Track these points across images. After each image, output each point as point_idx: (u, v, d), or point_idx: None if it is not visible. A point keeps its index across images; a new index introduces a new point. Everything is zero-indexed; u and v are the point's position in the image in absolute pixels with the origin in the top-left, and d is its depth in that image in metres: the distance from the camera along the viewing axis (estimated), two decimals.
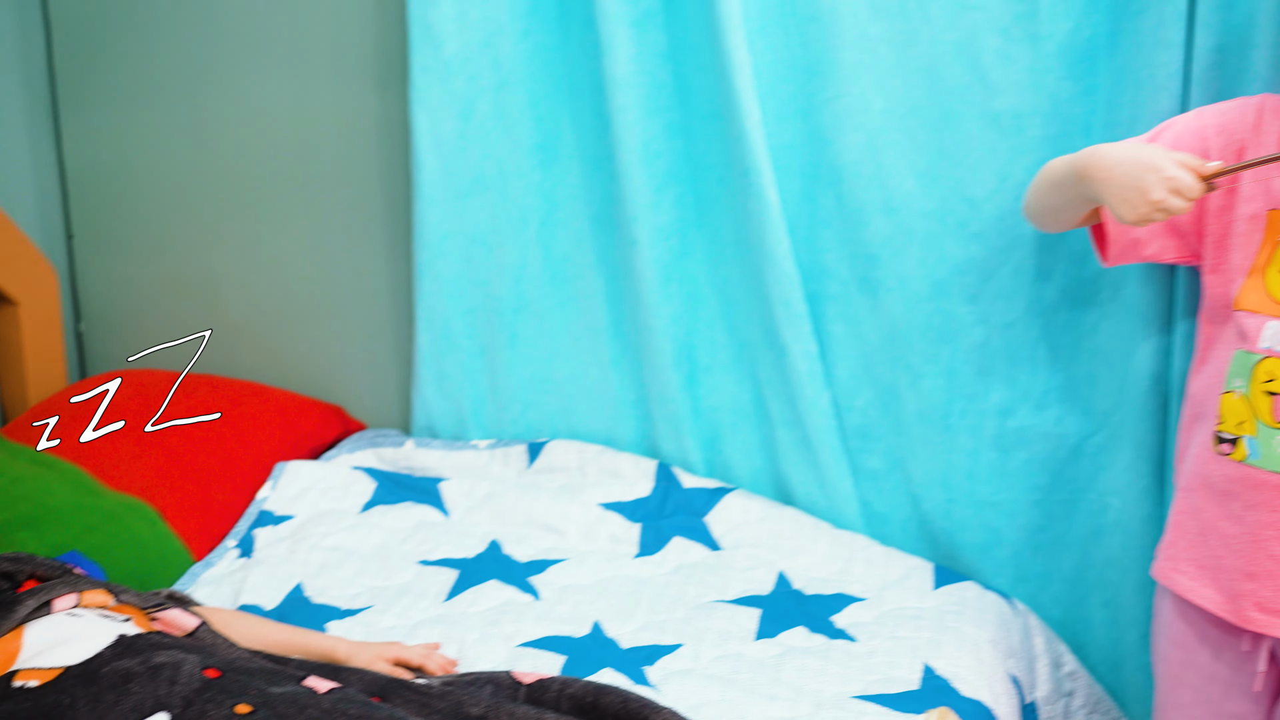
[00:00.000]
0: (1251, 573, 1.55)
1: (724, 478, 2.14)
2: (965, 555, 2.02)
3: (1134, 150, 1.53)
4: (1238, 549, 1.56)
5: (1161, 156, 1.50)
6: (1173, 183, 1.48)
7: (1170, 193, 1.49)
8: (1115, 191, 1.53)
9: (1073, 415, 1.94)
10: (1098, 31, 1.80)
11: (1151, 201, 1.49)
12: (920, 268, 1.94)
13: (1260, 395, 1.53)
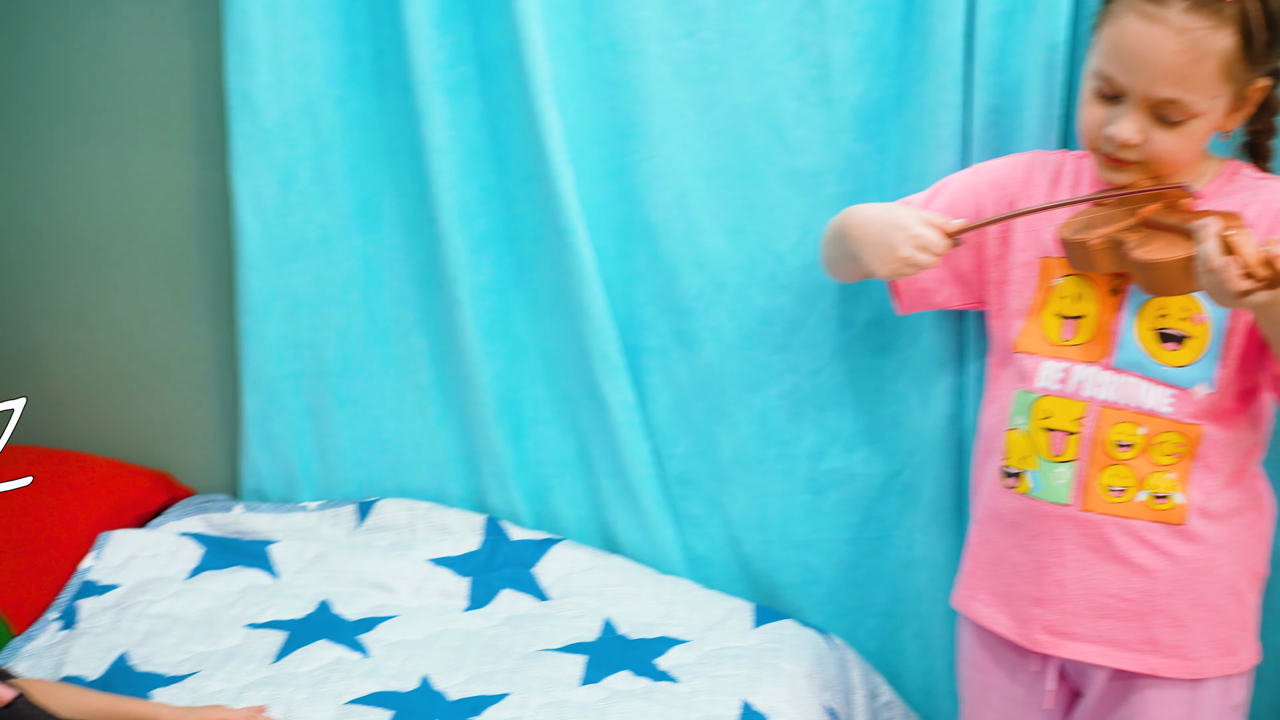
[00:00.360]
0: (1039, 598, 1.65)
1: (551, 529, 2.19)
2: (784, 594, 2.10)
3: (885, 211, 1.65)
4: (1026, 576, 1.66)
5: (908, 216, 1.62)
6: (918, 240, 1.60)
7: (917, 249, 1.61)
8: (869, 249, 1.66)
9: (879, 456, 2.04)
10: (886, 94, 1.91)
11: (900, 258, 1.62)
12: (731, 319, 2.02)
13: (1039, 432, 1.63)
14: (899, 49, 1.90)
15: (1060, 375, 1.63)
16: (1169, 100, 1.50)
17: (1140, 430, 1.58)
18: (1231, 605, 1.63)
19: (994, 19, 1.80)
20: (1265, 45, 1.51)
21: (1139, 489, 1.59)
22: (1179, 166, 1.58)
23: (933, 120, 1.85)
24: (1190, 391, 1.57)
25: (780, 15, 1.91)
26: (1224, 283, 1.35)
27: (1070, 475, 1.61)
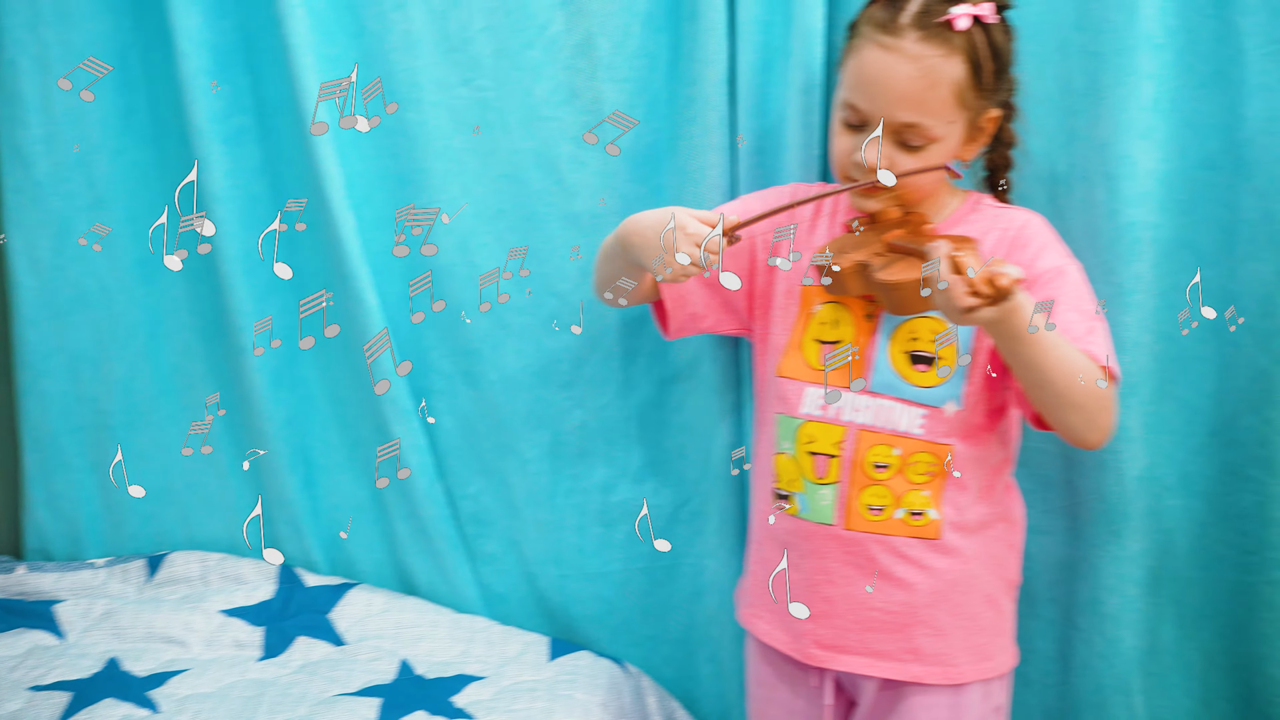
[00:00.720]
0: (810, 614, 1.72)
1: (347, 574, 2.19)
2: (581, 626, 2.14)
3: (662, 213, 1.64)
4: (798, 594, 1.73)
5: (684, 215, 1.63)
6: (696, 238, 1.60)
7: (695, 247, 1.60)
8: (649, 252, 1.64)
9: (666, 487, 2.10)
10: (658, 138, 1.99)
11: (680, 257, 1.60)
12: (518, 359, 2.07)
13: (804, 456, 1.71)
14: (668, 94, 1.98)
15: (821, 400, 1.71)
16: (909, 124, 1.60)
17: (895, 451, 1.66)
18: (988, 613, 1.73)
19: (754, 64, 1.90)
20: (993, 75, 1.63)
21: (896, 507, 1.67)
22: (924, 192, 1.68)
23: (702, 162, 1.93)
24: (941, 410, 1.66)
25: (553, 63, 1.97)
26: (952, 300, 1.43)
27: (834, 496, 1.69)
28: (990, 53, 1.62)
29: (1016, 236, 1.68)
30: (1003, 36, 1.64)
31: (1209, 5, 1.84)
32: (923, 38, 1.58)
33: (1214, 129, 1.86)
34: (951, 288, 1.43)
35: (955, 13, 1.58)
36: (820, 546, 1.71)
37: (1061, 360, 1.52)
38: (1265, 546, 1.93)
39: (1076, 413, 1.56)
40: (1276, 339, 1.88)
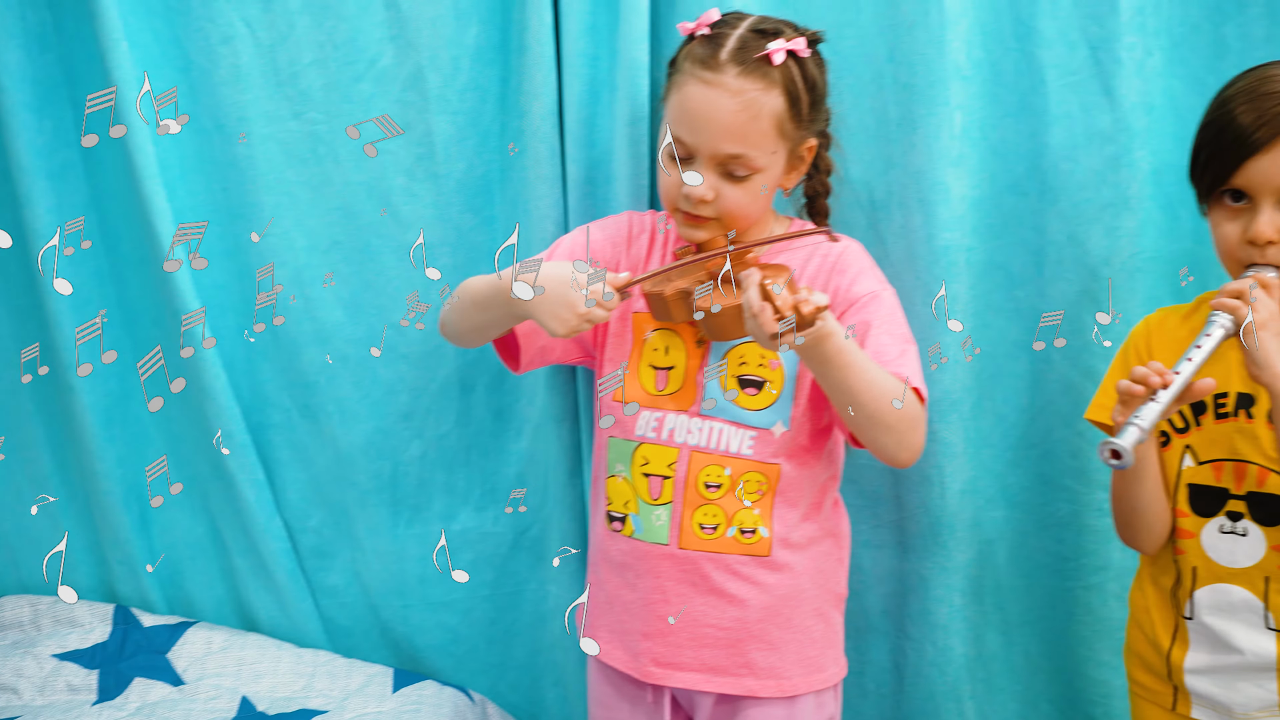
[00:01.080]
0: (647, 633, 1.75)
1: (186, 613, 2.16)
2: (426, 656, 2.15)
3: (557, 269, 1.63)
4: (635, 613, 1.76)
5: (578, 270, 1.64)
6: (594, 295, 1.62)
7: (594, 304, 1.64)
8: (546, 309, 1.62)
9: (507, 514, 2.11)
10: (490, 169, 2.02)
11: (580, 314, 1.61)
12: (356, 391, 2.07)
13: (639, 477, 1.74)
14: (499, 126, 2.01)
15: (655, 424, 1.74)
16: (734, 156, 1.65)
17: (726, 471, 1.71)
18: (818, 626, 1.78)
19: (581, 97, 1.94)
20: (809, 106, 1.69)
21: (728, 525, 1.71)
22: (749, 221, 1.72)
23: (533, 192, 1.96)
24: (770, 431, 1.70)
25: (384, 96, 1.98)
26: (761, 326, 1.47)
27: (667, 516, 1.72)
28: (805, 85, 1.67)
29: (835, 262, 1.73)
30: (816, 69, 1.70)
31: (1012, 39, 1.93)
32: (742, 73, 1.63)
33: (1020, 156, 1.95)
34: (760, 315, 1.47)
35: (772, 48, 1.64)
36: (655, 566, 1.74)
37: (871, 384, 1.58)
38: (1081, 553, 2.02)
39: (887, 433, 1.61)
40: (1085, 355, 1.96)
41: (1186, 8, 1.93)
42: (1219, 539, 1.66)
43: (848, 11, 1.93)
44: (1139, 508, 1.68)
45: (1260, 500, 1.64)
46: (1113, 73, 1.90)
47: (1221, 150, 1.59)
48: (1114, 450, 1.44)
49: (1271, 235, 1.56)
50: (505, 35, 1.99)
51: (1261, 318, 1.50)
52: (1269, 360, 1.50)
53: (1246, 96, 1.58)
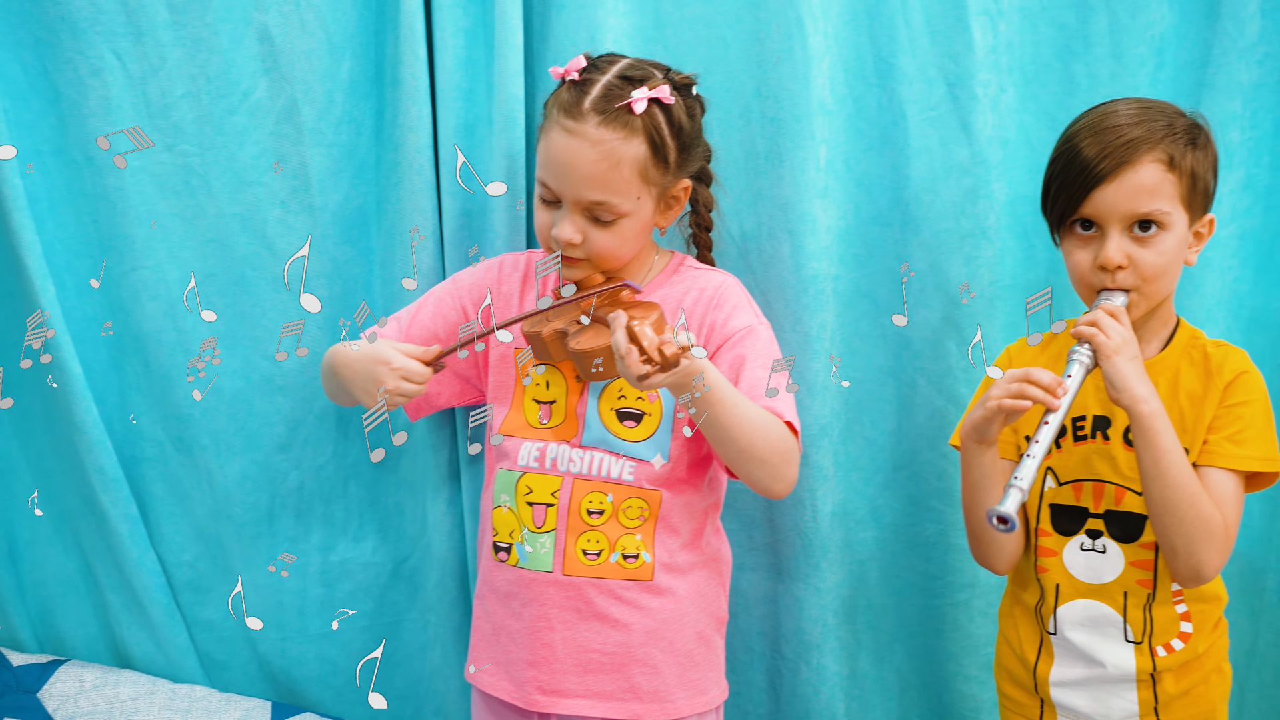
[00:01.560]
0: (532, 660, 1.77)
1: (58, 651, 2.12)
2: (305, 688, 2.13)
3: (368, 349, 1.71)
4: (520, 641, 1.78)
5: (389, 350, 1.70)
6: (402, 371, 1.68)
7: (402, 379, 1.68)
8: (359, 384, 1.72)
9: (386, 544, 2.11)
10: (366, 200, 2.03)
11: (389, 390, 1.68)
12: (232, 423, 2.05)
13: (523, 506, 1.76)
14: (375, 159, 2.02)
15: (538, 454, 1.76)
16: (597, 202, 1.68)
17: (608, 498, 1.73)
18: (700, 650, 1.81)
19: (456, 130, 1.96)
20: (678, 151, 1.72)
21: (611, 551, 1.73)
22: (623, 261, 1.76)
23: (410, 224, 1.97)
24: (649, 463, 1.73)
25: (258, 129, 1.97)
26: (628, 368, 1.50)
27: (551, 544, 1.74)
28: (671, 130, 1.70)
29: (713, 297, 1.77)
30: (684, 113, 1.72)
31: (873, 76, 2.00)
32: (603, 122, 1.65)
33: (883, 188, 2.02)
34: (626, 356, 1.50)
35: (634, 96, 1.66)
36: (540, 594, 1.76)
37: (743, 419, 1.60)
38: (948, 571, 2.09)
39: (761, 466, 1.64)
40: (947, 380, 2.03)
41: (1038, 47, 2.01)
42: (1080, 556, 1.73)
43: (715, 48, 1.98)
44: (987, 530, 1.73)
45: (1118, 518, 1.71)
46: (969, 108, 1.98)
47: (1069, 182, 1.66)
48: (1000, 517, 1.50)
49: (1120, 260, 1.63)
50: (379, 68, 2.00)
51: (1115, 344, 1.58)
52: (1126, 384, 1.57)
53: (1090, 131, 1.66)
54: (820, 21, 1.95)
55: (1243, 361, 1.69)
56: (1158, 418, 1.57)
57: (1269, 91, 1.98)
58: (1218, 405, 1.67)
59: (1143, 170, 1.62)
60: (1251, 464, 1.64)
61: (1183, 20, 1.99)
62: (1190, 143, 1.65)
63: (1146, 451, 1.58)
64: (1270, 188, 2.00)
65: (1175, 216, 1.64)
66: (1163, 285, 1.66)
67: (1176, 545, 1.60)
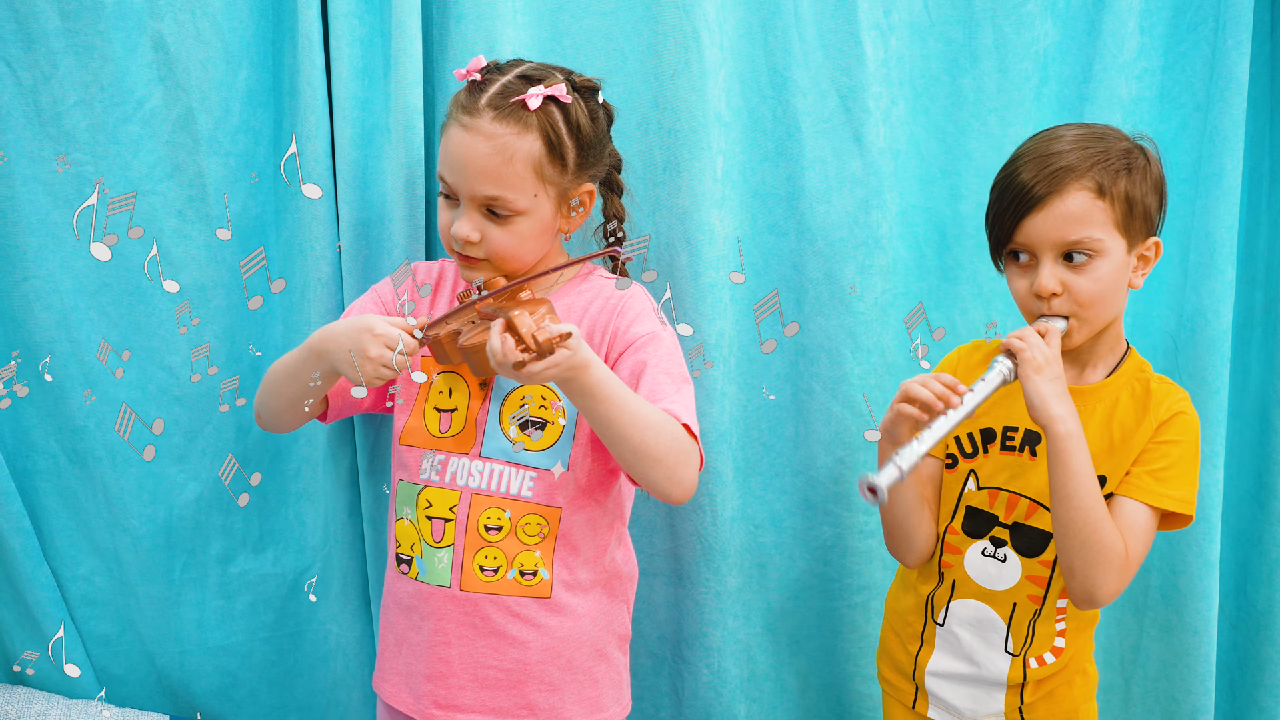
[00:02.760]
0: (429, 674, 1.77)
1: None
2: (204, 701, 2.11)
3: (354, 320, 1.69)
4: (420, 654, 1.78)
5: (373, 319, 1.68)
6: (386, 339, 1.65)
7: (385, 348, 1.65)
8: (344, 358, 1.67)
9: (287, 554, 2.10)
10: (264, 211, 2.02)
11: (373, 359, 1.65)
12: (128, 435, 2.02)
13: (423, 520, 1.76)
14: (273, 168, 2.01)
15: (439, 466, 1.75)
16: (492, 197, 1.68)
17: (506, 514, 1.72)
18: (599, 667, 1.81)
19: (354, 140, 1.95)
20: (576, 152, 1.72)
21: (509, 567, 1.73)
22: (524, 263, 1.76)
23: (309, 234, 1.97)
24: (550, 473, 1.73)
25: (154, 137, 1.95)
26: (504, 355, 1.50)
27: (449, 559, 1.74)
28: (569, 130, 1.71)
29: (617, 305, 1.77)
30: (583, 115, 1.73)
31: (768, 88, 2.03)
32: (497, 117, 1.67)
33: (779, 198, 2.05)
34: (503, 346, 1.50)
35: (529, 93, 1.68)
36: (438, 608, 1.75)
37: (635, 416, 1.60)
38: (845, 574, 2.13)
39: (656, 467, 1.63)
40: (843, 386, 2.07)
41: (927, 61, 2.06)
42: (981, 561, 1.77)
43: (614, 60, 2.00)
44: (897, 522, 1.77)
45: (1024, 532, 1.74)
46: (862, 120, 2.02)
47: (1004, 209, 1.68)
48: (871, 486, 1.50)
49: (1054, 288, 1.64)
50: (277, 77, 2.00)
51: (1038, 362, 1.59)
52: (1044, 403, 1.59)
53: (1029, 157, 1.67)
54: (716, 35, 1.97)
55: (1181, 402, 1.70)
56: (1073, 439, 1.59)
57: (1147, 106, 2.05)
58: (1149, 439, 1.68)
59: (1070, 199, 1.63)
60: (1168, 503, 1.66)
61: (1066, 37, 2.05)
62: (1125, 168, 1.65)
63: (1058, 471, 1.60)
64: None
65: (1110, 243, 1.64)
66: (1102, 310, 1.67)
67: (1074, 567, 1.63)
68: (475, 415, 1.76)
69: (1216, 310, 1.98)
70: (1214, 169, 1.96)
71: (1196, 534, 2.02)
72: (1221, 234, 1.97)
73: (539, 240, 1.75)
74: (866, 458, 2.08)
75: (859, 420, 2.07)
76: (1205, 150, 1.98)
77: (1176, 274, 2.05)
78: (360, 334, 1.67)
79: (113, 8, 1.89)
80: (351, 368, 1.67)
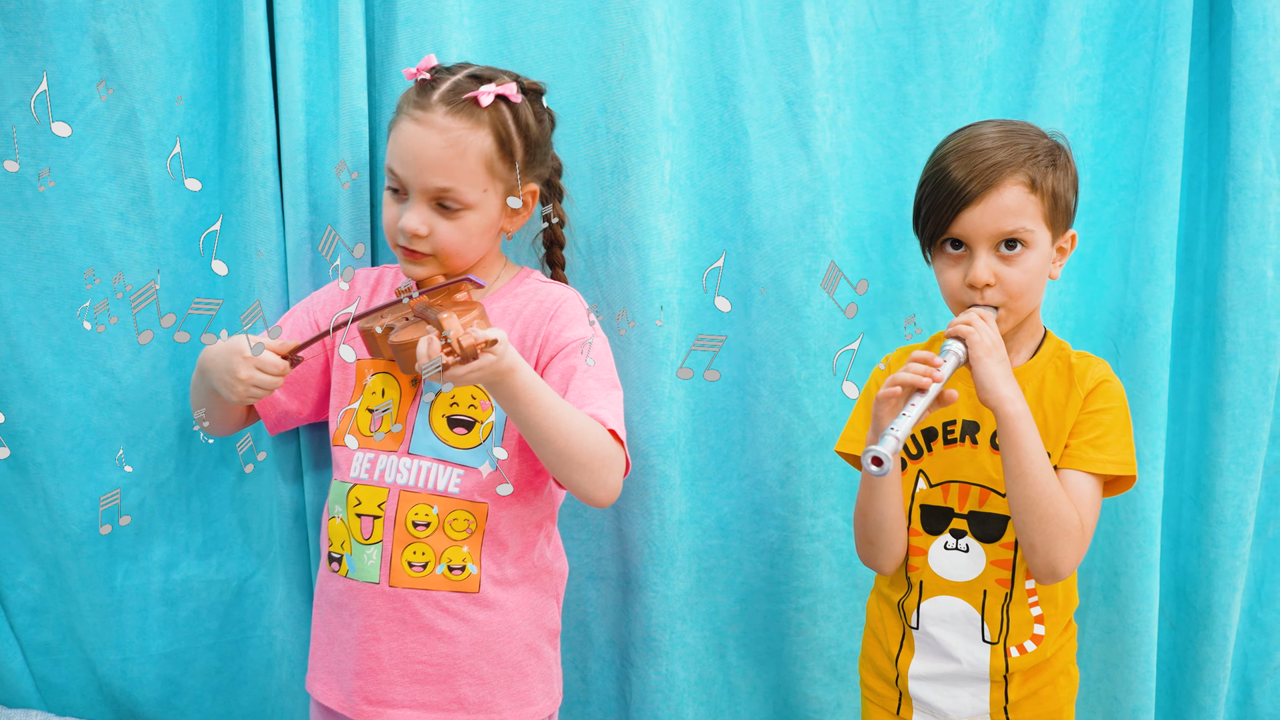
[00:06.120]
0: (359, 671, 1.77)
1: None
2: (147, 710, 2.09)
3: (227, 341, 1.73)
4: (350, 651, 1.78)
5: (244, 341, 1.70)
6: (255, 361, 1.69)
7: (255, 370, 1.69)
8: (218, 378, 1.73)
9: (232, 560, 2.08)
10: (209, 214, 2.01)
11: (243, 380, 1.70)
12: (67, 440, 1.99)
13: (353, 517, 1.76)
14: (218, 171, 2.00)
15: (368, 465, 1.76)
16: (443, 189, 1.70)
17: (434, 510, 1.73)
18: (530, 661, 1.81)
19: (299, 143, 1.94)
20: (524, 151, 1.75)
21: (437, 563, 1.74)
22: (468, 261, 1.77)
23: (254, 238, 1.95)
24: (478, 471, 1.73)
25: (95, 139, 1.93)
26: (431, 359, 1.51)
27: (378, 555, 1.74)
28: (518, 129, 1.74)
29: (550, 309, 1.79)
30: (532, 117, 1.77)
31: (716, 93, 2.03)
32: (451, 112, 1.70)
33: (725, 203, 2.05)
34: (429, 348, 1.52)
35: (481, 90, 1.71)
36: (368, 604, 1.75)
37: (560, 421, 1.62)
38: (791, 577, 2.12)
39: (580, 471, 1.66)
40: (790, 390, 2.07)
41: (873, 68, 2.06)
42: (944, 555, 1.78)
43: (561, 64, 1.99)
44: (884, 524, 1.77)
45: (981, 519, 1.76)
46: (808, 126, 2.02)
47: (939, 204, 1.71)
48: (875, 457, 1.52)
49: (988, 279, 1.69)
50: (222, 79, 1.98)
51: (988, 344, 1.64)
52: (994, 384, 1.63)
53: (957, 154, 1.72)
54: (664, 39, 1.97)
55: (1104, 371, 1.76)
56: (1022, 419, 1.63)
57: (1089, 113, 2.06)
58: (1079, 411, 1.73)
59: (1006, 193, 1.68)
60: (1109, 468, 1.71)
61: (1009, 44, 2.06)
62: (1051, 164, 1.71)
63: (1011, 452, 1.64)
64: (1091, 204, 2.06)
65: (1039, 235, 1.70)
66: (1028, 300, 1.73)
67: (1035, 543, 1.66)
68: (405, 413, 1.76)
69: (1156, 314, 1.99)
70: (1154, 175, 1.97)
71: (1136, 536, 2.02)
72: (1161, 239, 1.98)
73: (484, 238, 1.77)
74: (813, 461, 2.08)
75: (805, 425, 2.07)
76: (1145, 156, 1.99)
77: (1117, 278, 2.06)
78: (231, 356, 1.71)
79: (54, 8, 1.87)
80: (225, 388, 1.72)
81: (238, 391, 1.71)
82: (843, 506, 2.11)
